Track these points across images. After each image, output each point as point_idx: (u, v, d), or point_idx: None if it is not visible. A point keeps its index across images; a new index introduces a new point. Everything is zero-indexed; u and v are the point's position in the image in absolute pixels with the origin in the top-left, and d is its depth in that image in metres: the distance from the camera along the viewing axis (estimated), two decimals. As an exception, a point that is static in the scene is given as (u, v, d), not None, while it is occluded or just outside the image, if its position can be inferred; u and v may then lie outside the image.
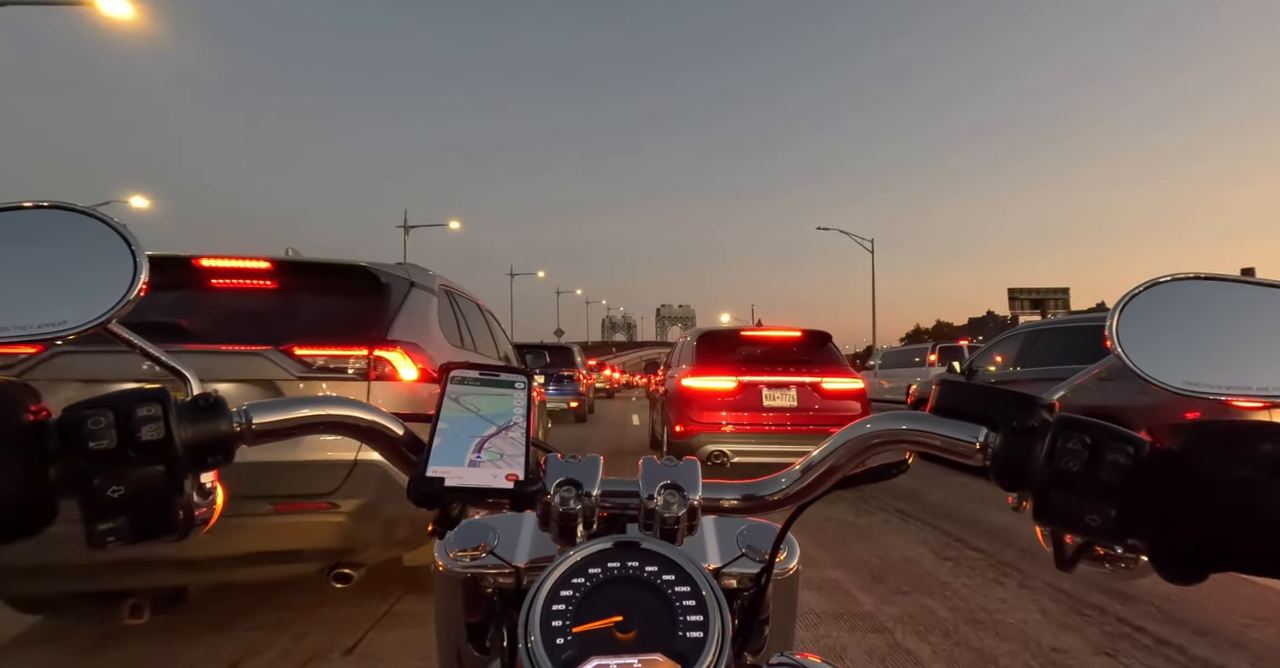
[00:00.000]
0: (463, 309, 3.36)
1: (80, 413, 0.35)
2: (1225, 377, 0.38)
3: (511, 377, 0.47)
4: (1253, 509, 0.31)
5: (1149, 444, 0.35)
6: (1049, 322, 6.53)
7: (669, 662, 0.34)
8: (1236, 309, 0.40)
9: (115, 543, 0.35)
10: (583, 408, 12.30)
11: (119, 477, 0.35)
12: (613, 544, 0.39)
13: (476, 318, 3.76)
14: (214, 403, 0.39)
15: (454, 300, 3.23)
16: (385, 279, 2.55)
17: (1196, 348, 0.39)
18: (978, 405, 0.41)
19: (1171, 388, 0.38)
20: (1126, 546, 0.35)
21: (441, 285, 3.04)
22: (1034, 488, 0.37)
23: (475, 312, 3.78)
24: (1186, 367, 0.38)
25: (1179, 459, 0.34)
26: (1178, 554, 0.34)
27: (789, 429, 5.15)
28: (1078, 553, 0.39)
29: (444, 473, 0.41)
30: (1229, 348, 0.39)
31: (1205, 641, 2.43)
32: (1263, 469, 0.31)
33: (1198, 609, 2.73)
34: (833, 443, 0.46)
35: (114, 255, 0.39)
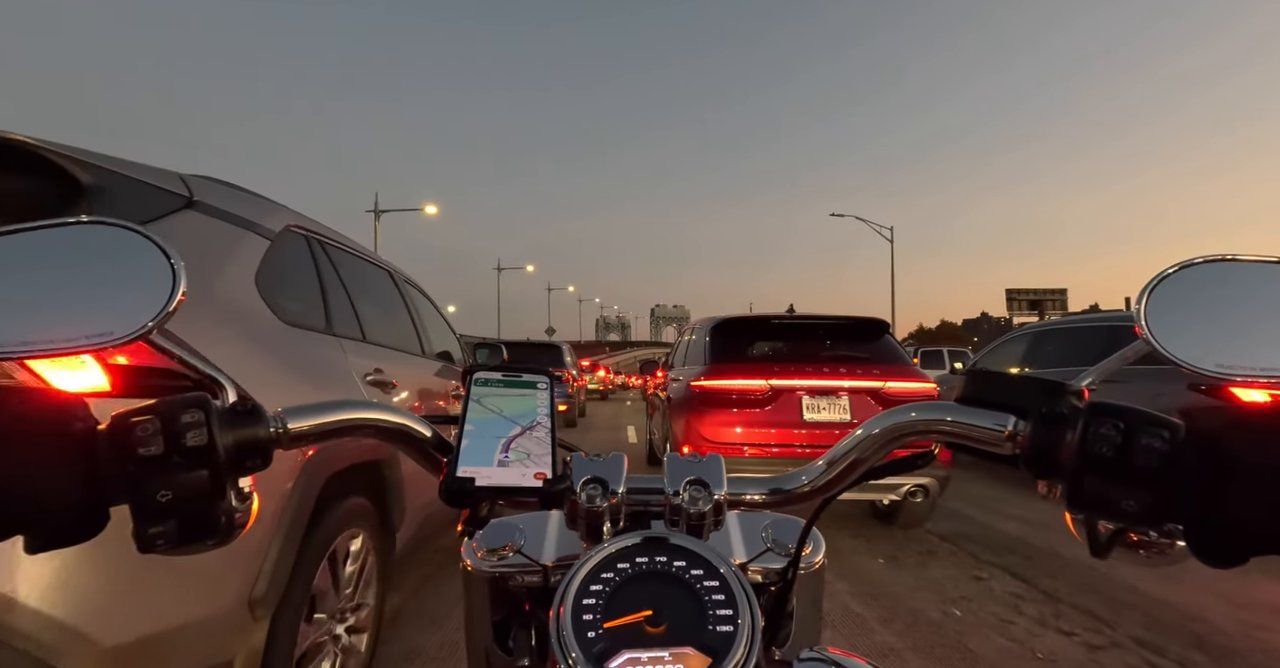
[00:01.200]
0: (346, 276, 2.26)
1: (128, 421, 0.36)
2: (1260, 358, 0.37)
3: (534, 377, 0.48)
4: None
5: (1184, 428, 0.34)
6: (1057, 321, 6.22)
7: (700, 655, 0.35)
8: (1269, 290, 0.39)
9: (164, 546, 0.36)
10: (573, 411, 11.67)
11: (167, 481, 0.35)
12: (641, 539, 0.40)
13: (382, 295, 2.68)
14: (252, 409, 0.40)
15: (322, 257, 2.12)
16: (89, 179, 1.25)
17: (1228, 331, 0.38)
18: (1006, 394, 0.41)
19: (1204, 371, 0.37)
20: (1162, 531, 0.35)
21: (293, 227, 1.94)
22: (1066, 475, 0.37)
23: (380, 286, 2.70)
24: (1218, 349, 0.37)
25: (1216, 443, 0.33)
26: (1217, 538, 0.33)
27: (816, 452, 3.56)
28: (1111, 540, 0.38)
29: (474, 473, 0.41)
30: (1263, 330, 0.38)
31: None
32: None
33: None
34: (858, 435, 0.47)
35: (154, 267, 0.40)
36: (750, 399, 3.74)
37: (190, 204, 1.47)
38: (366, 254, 2.67)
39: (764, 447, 3.69)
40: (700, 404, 3.80)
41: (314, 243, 2.10)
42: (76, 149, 1.27)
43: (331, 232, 2.31)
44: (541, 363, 10.91)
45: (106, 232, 0.41)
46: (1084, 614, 2.70)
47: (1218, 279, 0.40)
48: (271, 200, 1.94)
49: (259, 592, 1.30)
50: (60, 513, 0.34)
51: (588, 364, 20.09)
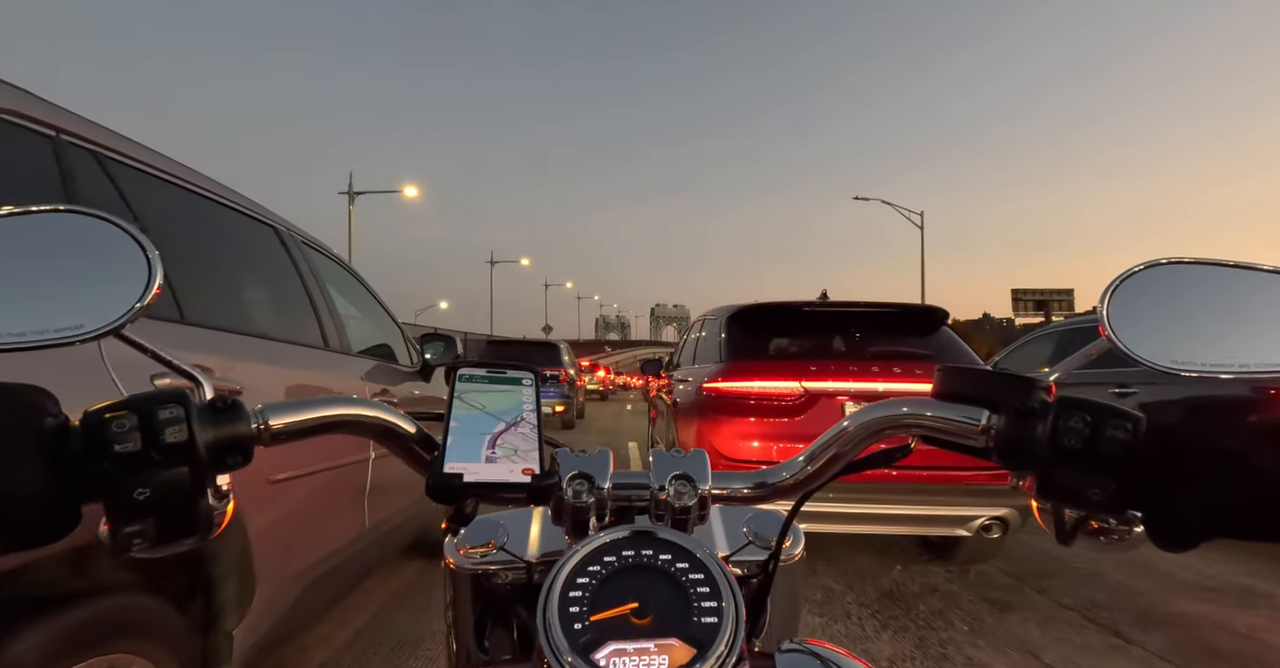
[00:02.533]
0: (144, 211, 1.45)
1: (103, 416, 0.34)
2: (1211, 355, 0.39)
3: (518, 374, 0.47)
4: (1241, 478, 0.33)
5: (1145, 420, 0.36)
6: (1085, 320, 5.83)
7: (684, 646, 0.35)
8: (1222, 291, 0.41)
9: (141, 546, 0.35)
10: (570, 412, 11.17)
11: (144, 479, 0.34)
12: (627, 533, 0.41)
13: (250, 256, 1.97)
14: (232, 404, 0.39)
15: (90, 174, 1.33)
16: None
17: (1184, 328, 0.40)
18: (979, 389, 0.43)
19: (1158, 366, 0.39)
20: (1124, 518, 0.37)
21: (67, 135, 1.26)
22: (1037, 466, 0.38)
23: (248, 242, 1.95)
24: (1174, 346, 0.39)
25: (1174, 434, 0.35)
26: (1172, 524, 0.35)
27: (894, 476, 2.67)
28: (1075, 528, 0.40)
29: (461, 469, 0.41)
30: (1215, 328, 0.40)
31: None
32: (1250, 439, 0.33)
33: None
34: (836, 430, 0.47)
35: (128, 259, 0.39)
36: (778, 406, 2.92)
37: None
38: (217, 194, 1.78)
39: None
40: (714, 411, 3.02)
41: (67, 150, 1.27)
42: None
43: (132, 146, 1.48)
44: (538, 362, 10.17)
45: (79, 221, 0.40)
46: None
47: (1177, 280, 0.41)
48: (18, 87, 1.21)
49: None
50: (30, 512, 0.33)
51: (587, 364, 19.78)
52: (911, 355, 3.20)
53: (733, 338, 3.41)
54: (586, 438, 9.75)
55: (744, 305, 3.57)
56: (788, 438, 2.88)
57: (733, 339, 3.40)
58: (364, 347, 2.57)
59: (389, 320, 2.94)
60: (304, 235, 2.32)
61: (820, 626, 2.58)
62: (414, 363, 2.92)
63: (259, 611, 1.47)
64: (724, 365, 3.20)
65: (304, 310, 2.09)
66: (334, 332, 2.22)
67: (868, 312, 3.43)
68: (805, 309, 3.46)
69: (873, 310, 3.42)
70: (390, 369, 2.61)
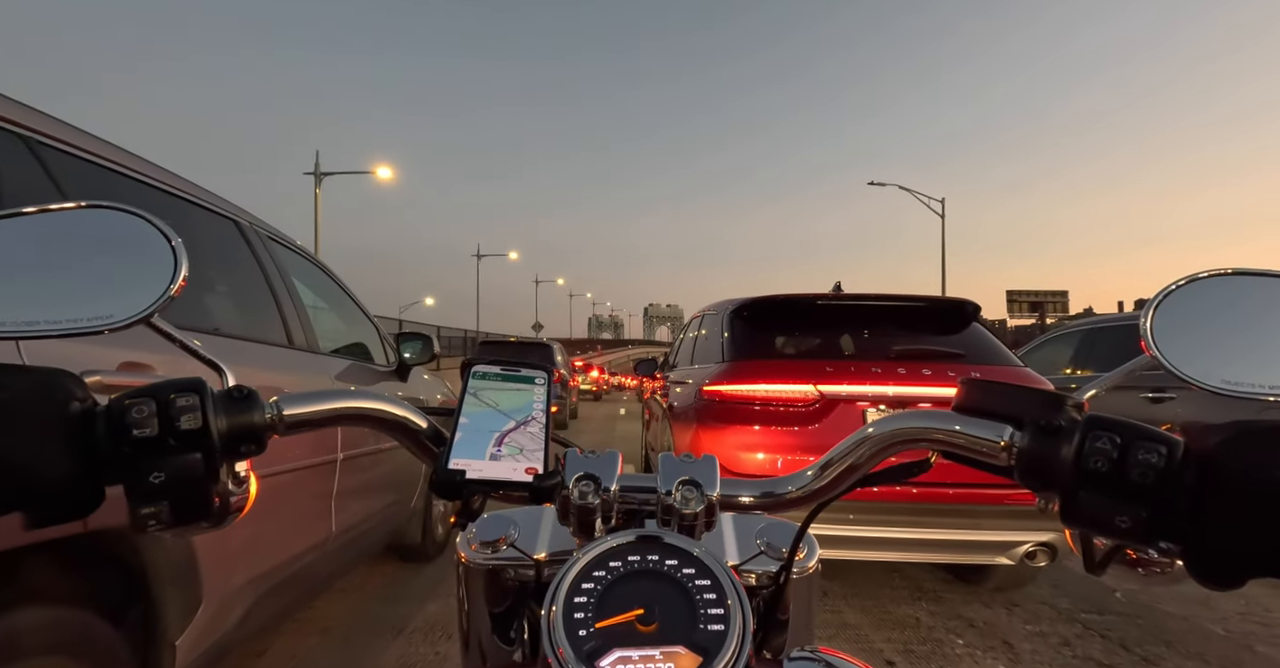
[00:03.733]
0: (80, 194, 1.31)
1: (124, 402, 0.36)
2: (1266, 376, 0.37)
3: (532, 372, 0.48)
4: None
5: (1183, 444, 0.34)
6: (1111, 318, 5.59)
7: (690, 654, 0.35)
8: (1276, 304, 0.39)
9: (156, 527, 0.37)
10: (563, 413, 11.21)
11: (160, 463, 0.36)
12: (634, 538, 0.40)
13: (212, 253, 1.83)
14: (247, 395, 0.40)
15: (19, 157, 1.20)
16: None
17: (1235, 346, 0.38)
18: (1003, 404, 0.41)
19: (1209, 387, 0.37)
20: (1160, 549, 0.34)
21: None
22: (1061, 489, 0.36)
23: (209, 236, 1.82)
24: (1225, 365, 0.37)
25: (1215, 461, 0.33)
26: (1214, 559, 0.32)
27: (916, 494, 2.38)
28: (1108, 557, 0.38)
29: (465, 466, 0.41)
30: (1270, 346, 0.38)
31: None
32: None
33: None
34: (852, 440, 0.46)
35: (156, 251, 0.41)
36: (789, 412, 2.57)
37: None
38: (172, 186, 1.67)
39: None
40: (714, 417, 2.69)
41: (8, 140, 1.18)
42: None
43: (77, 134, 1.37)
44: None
45: (108, 215, 0.42)
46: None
47: (1224, 293, 0.39)
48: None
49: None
50: (58, 491, 0.34)
51: (580, 364, 19.62)
52: (941, 355, 2.77)
53: (737, 335, 3.03)
54: (579, 439, 9.48)
55: (749, 298, 3.20)
56: (800, 449, 2.52)
57: (737, 336, 3.02)
58: (336, 346, 2.46)
59: (364, 319, 2.82)
60: (269, 229, 2.21)
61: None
62: (390, 362, 2.86)
63: (205, 622, 1.38)
64: (727, 366, 2.83)
65: (267, 307, 1.97)
66: (300, 330, 2.10)
67: (889, 306, 3.03)
68: (819, 303, 3.06)
69: (895, 304, 3.03)
70: (364, 369, 2.51)
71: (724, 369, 2.83)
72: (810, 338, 3.17)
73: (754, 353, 2.93)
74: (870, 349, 2.92)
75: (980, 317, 3.05)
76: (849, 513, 2.40)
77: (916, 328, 3.00)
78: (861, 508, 2.41)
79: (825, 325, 3.11)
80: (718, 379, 2.77)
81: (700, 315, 3.99)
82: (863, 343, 3.00)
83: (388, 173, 19.15)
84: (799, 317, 3.15)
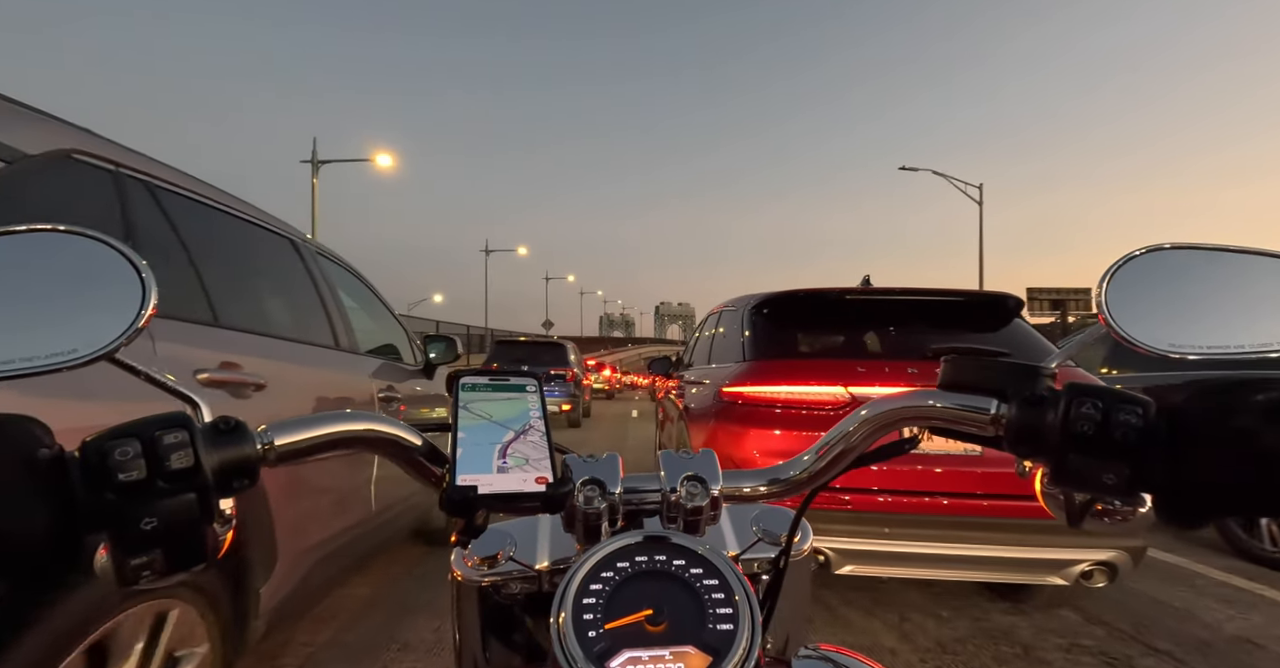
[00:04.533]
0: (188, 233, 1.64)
1: (104, 444, 0.33)
2: (1208, 338, 0.40)
3: (522, 380, 0.48)
4: (1249, 455, 0.33)
5: (1154, 404, 0.37)
6: None
7: (700, 654, 0.35)
8: (1220, 276, 0.42)
9: (150, 578, 0.34)
10: (577, 411, 11.17)
11: (150, 509, 0.33)
12: (641, 538, 0.41)
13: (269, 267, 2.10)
14: (235, 426, 0.38)
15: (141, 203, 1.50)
16: None
17: (1181, 313, 0.41)
18: (987, 378, 0.43)
19: (1157, 351, 0.40)
20: (1129, 500, 0.38)
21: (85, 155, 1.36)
22: (1050, 453, 0.39)
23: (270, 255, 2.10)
24: (1171, 330, 0.40)
25: (1182, 416, 0.36)
26: (1184, 502, 0.36)
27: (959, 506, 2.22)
28: (1083, 510, 0.41)
29: (475, 481, 0.40)
30: (1211, 312, 0.41)
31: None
32: (1256, 418, 0.34)
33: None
34: (846, 424, 0.48)
35: (122, 280, 0.38)
36: (817, 415, 2.37)
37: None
38: (246, 213, 2.01)
39: (847, 491, 2.23)
40: (735, 420, 2.49)
41: (125, 182, 1.49)
42: None
43: (176, 174, 1.71)
44: (545, 362, 10.94)
45: (71, 241, 0.39)
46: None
47: (1175, 265, 0.42)
48: (39, 111, 1.33)
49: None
50: (29, 548, 0.31)
51: (593, 363, 19.61)
52: (984, 353, 2.49)
53: (758, 332, 2.83)
54: (594, 437, 9.59)
55: (771, 293, 2.98)
56: None
57: (758, 334, 2.82)
58: (371, 347, 2.69)
59: (394, 322, 3.09)
60: (318, 246, 2.57)
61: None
62: (418, 362, 3.10)
63: (280, 575, 1.66)
64: (748, 365, 2.65)
65: (318, 314, 2.29)
66: (344, 333, 2.40)
67: (924, 301, 2.80)
68: (847, 298, 2.81)
69: (930, 299, 2.80)
70: (396, 367, 2.73)
71: (745, 369, 2.65)
72: (838, 335, 2.97)
73: (777, 352, 2.75)
74: (904, 348, 2.70)
75: (1022, 313, 2.83)
76: (884, 526, 2.21)
77: (953, 324, 2.78)
78: (898, 520, 2.22)
79: (854, 322, 2.89)
80: (738, 380, 2.58)
81: (718, 312, 3.80)
82: (895, 341, 2.78)
83: (388, 161, 17.54)
84: (825, 313, 2.93)
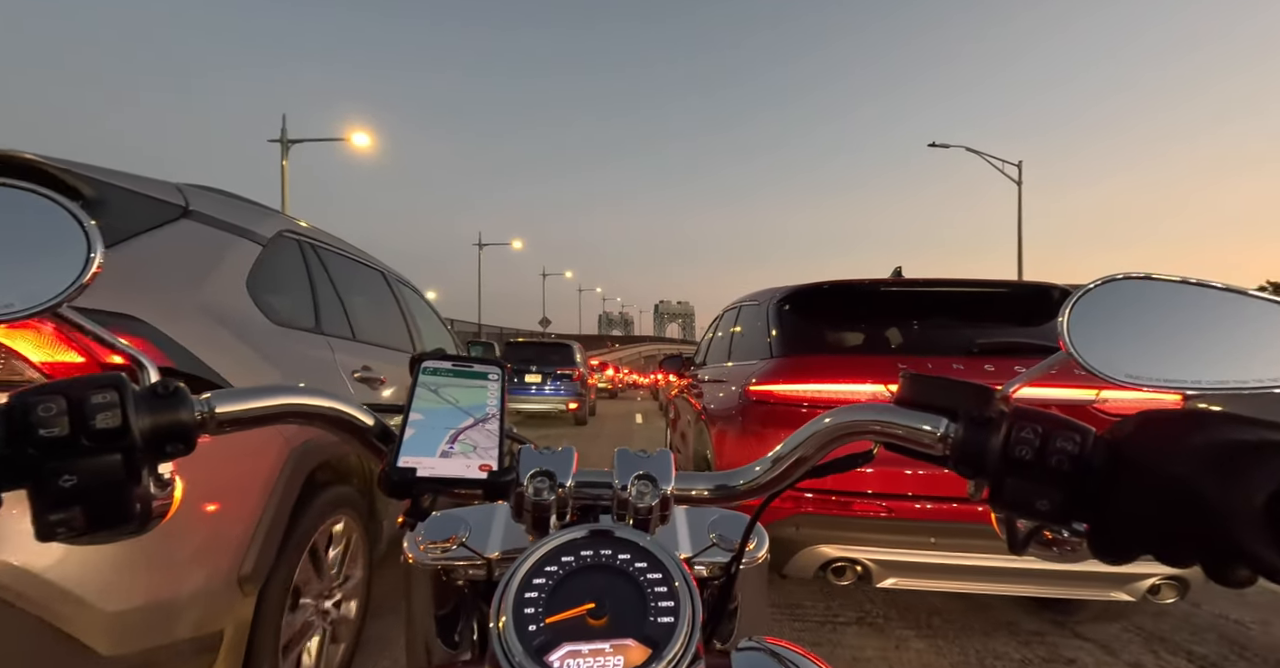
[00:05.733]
0: (337, 278, 2.36)
1: (28, 400, 0.34)
2: (1164, 371, 0.40)
3: (485, 369, 0.48)
4: (1173, 500, 0.32)
5: (1094, 434, 0.37)
6: None
7: (640, 647, 0.35)
8: (1181, 308, 0.42)
9: (66, 534, 0.34)
10: (583, 410, 11.33)
11: (70, 466, 0.34)
12: (586, 533, 0.40)
13: (373, 295, 2.77)
14: (174, 391, 0.38)
15: (313, 260, 2.20)
16: (92, 192, 1.36)
17: (1142, 343, 0.41)
18: (938, 397, 0.44)
19: (1114, 380, 0.40)
20: (1071, 529, 0.38)
21: (286, 233, 2.04)
22: (990, 475, 0.39)
23: (372, 286, 2.78)
24: (1130, 361, 0.41)
25: (1120, 449, 0.36)
26: (1111, 537, 0.36)
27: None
28: (1028, 537, 0.41)
29: (416, 463, 0.41)
30: (1172, 344, 0.41)
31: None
32: (1191, 462, 0.32)
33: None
34: (800, 434, 0.48)
35: (67, 236, 0.38)
36: None
37: (186, 213, 1.58)
38: (361, 256, 2.76)
39: (885, 500, 2.08)
40: (763, 421, 2.35)
41: (306, 247, 2.19)
42: (77, 164, 1.39)
43: (326, 235, 2.44)
44: (553, 362, 10.99)
45: (13, 196, 0.39)
46: None
47: (1136, 296, 0.42)
48: (265, 207, 2.08)
49: (246, 569, 1.41)
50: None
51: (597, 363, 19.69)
52: (1035, 349, 2.30)
53: (787, 327, 2.66)
54: (600, 436, 9.61)
55: (799, 286, 2.83)
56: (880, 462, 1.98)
57: (787, 329, 2.65)
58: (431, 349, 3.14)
59: (445, 330, 3.70)
60: (398, 274, 3.21)
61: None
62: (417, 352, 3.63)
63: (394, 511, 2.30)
64: (776, 363, 2.48)
65: (401, 326, 2.96)
66: (418, 340, 3.10)
67: (963, 292, 2.61)
68: (880, 290, 2.65)
69: (969, 290, 2.60)
70: None
71: (773, 366, 2.49)
72: (872, 330, 2.76)
73: (808, 348, 2.59)
74: (944, 343, 2.51)
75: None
76: (929, 536, 2.06)
77: (996, 318, 2.57)
78: (945, 530, 2.05)
79: (888, 316, 2.72)
80: (766, 378, 2.43)
81: (736, 307, 3.63)
82: (934, 335, 2.61)
83: (365, 139, 15.40)
84: (858, 306, 2.75)
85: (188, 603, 1.29)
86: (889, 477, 2.14)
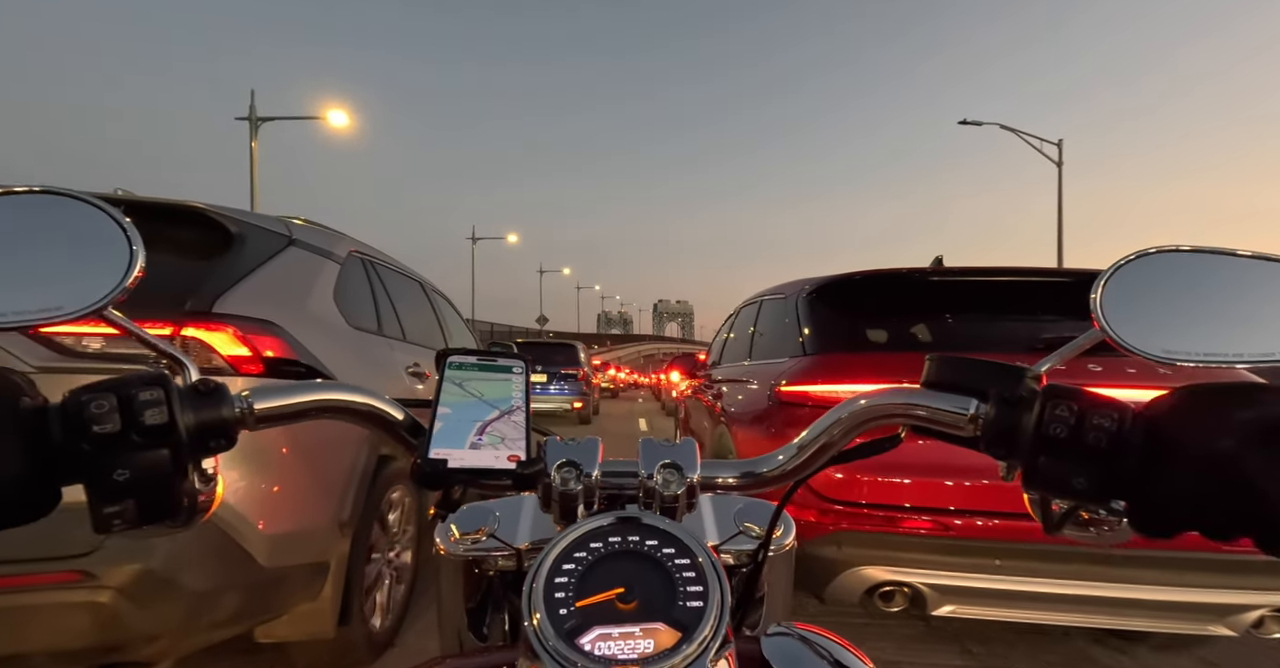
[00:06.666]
0: (390, 288, 2.81)
1: (82, 398, 0.35)
2: (1203, 345, 0.39)
3: (510, 362, 0.48)
4: (1220, 477, 0.32)
5: (1131, 410, 0.37)
6: None
7: (670, 630, 0.35)
8: (1217, 281, 0.41)
9: (121, 526, 0.36)
10: (587, 409, 11.65)
11: (123, 461, 0.35)
12: (614, 520, 0.41)
13: (415, 302, 3.22)
14: (215, 388, 0.40)
15: (373, 274, 2.67)
16: (236, 229, 1.83)
17: (1177, 318, 0.41)
18: (967, 378, 0.43)
19: (1149, 356, 0.39)
20: (1109, 508, 0.38)
21: (354, 252, 2.49)
22: (1024, 455, 0.39)
23: (414, 294, 3.25)
24: (1166, 336, 0.40)
25: (1160, 425, 0.35)
26: (1154, 513, 0.35)
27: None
28: (1064, 518, 0.40)
29: (446, 455, 0.42)
30: (1208, 318, 0.40)
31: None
32: (1235, 437, 0.32)
33: None
34: (825, 420, 0.48)
35: (110, 241, 0.40)
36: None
37: (291, 242, 2.02)
38: (405, 270, 3.18)
39: (940, 516, 1.82)
40: (796, 424, 2.09)
41: (367, 263, 2.61)
42: (229, 209, 1.89)
43: (379, 252, 2.86)
44: (558, 362, 11.23)
45: (63, 203, 0.40)
46: None
47: (1169, 269, 0.42)
48: (340, 232, 2.52)
49: (344, 515, 1.86)
50: (9, 492, 0.33)
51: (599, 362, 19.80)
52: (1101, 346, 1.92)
53: (819, 322, 2.44)
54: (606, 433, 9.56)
55: (831, 277, 2.60)
56: (919, 468, 1.85)
57: (820, 324, 2.43)
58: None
59: (466, 329, 4.12)
60: (431, 284, 3.63)
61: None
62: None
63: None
64: (810, 361, 2.27)
65: (436, 328, 3.40)
66: (449, 340, 3.59)
67: (1014, 282, 2.38)
68: (921, 280, 2.42)
69: (1021, 280, 2.38)
70: None
71: (806, 365, 2.27)
72: (914, 324, 2.51)
73: (844, 345, 2.35)
74: (999, 338, 2.28)
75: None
76: (994, 557, 1.79)
77: (1051, 310, 2.34)
78: (1012, 552, 1.79)
79: (929, 309, 2.47)
80: (799, 378, 2.21)
81: (756, 302, 3.40)
82: (983, 330, 2.38)
83: (342, 118, 13.64)
84: (895, 298, 2.51)
85: (310, 536, 1.72)
86: (947, 489, 1.86)
